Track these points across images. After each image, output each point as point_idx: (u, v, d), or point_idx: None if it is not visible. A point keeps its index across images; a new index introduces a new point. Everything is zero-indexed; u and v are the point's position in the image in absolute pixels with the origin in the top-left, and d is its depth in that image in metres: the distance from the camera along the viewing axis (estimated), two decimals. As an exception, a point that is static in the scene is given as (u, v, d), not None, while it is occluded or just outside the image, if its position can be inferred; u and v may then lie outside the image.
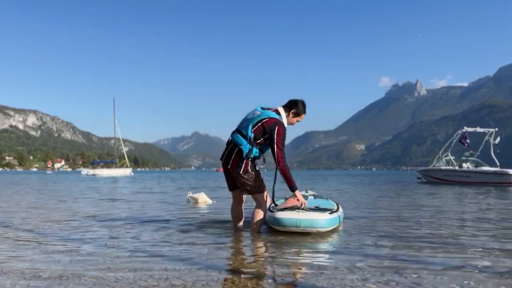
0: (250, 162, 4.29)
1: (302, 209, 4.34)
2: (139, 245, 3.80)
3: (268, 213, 4.51)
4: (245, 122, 4.34)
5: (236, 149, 4.27)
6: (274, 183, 4.53)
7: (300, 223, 4.18)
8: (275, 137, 4.22)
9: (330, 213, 4.44)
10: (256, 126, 4.27)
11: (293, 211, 4.29)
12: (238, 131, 4.35)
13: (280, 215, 4.27)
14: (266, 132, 4.25)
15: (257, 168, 4.39)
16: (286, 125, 4.43)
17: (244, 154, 4.23)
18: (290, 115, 4.50)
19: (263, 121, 4.28)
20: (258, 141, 4.29)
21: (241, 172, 4.25)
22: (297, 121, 4.61)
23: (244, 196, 4.62)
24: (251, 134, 4.25)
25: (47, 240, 4.09)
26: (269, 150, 4.35)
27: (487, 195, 11.38)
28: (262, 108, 4.44)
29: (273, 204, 4.69)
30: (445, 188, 15.90)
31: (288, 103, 4.55)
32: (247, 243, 4.06)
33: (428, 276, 2.69)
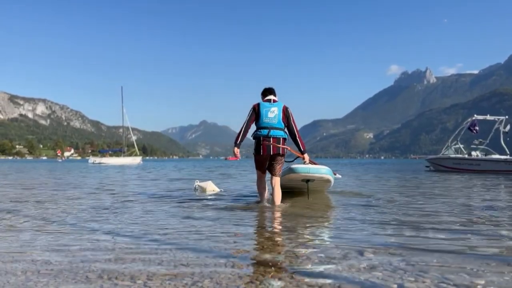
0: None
1: (310, 163, 6.06)
2: (147, 232, 3.84)
3: (286, 166, 6.01)
4: (273, 119, 5.38)
5: (281, 139, 5.43)
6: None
7: (310, 170, 5.96)
8: (292, 117, 5.50)
9: (327, 168, 6.21)
10: (282, 115, 5.43)
11: (304, 164, 5.99)
12: (273, 127, 5.36)
13: (295, 165, 6.04)
14: (286, 116, 5.47)
15: None
16: None
17: (286, 139, 5.52)
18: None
19: (282, 109, 5.47)
20: (285, 127, 5.49)
21: (284, 155, 5.52)
22: None
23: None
24: (283, 124, 5.43)
25: (56, 227, 4.15)
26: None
27: (497, 183, 11.28)
28: (268, 101, 5.52)
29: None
30: (454, 176, 15.79)
31: (271, 90, 5.66)
32: (250, 232, 4.08)
33: (436, 264, 2.69)
